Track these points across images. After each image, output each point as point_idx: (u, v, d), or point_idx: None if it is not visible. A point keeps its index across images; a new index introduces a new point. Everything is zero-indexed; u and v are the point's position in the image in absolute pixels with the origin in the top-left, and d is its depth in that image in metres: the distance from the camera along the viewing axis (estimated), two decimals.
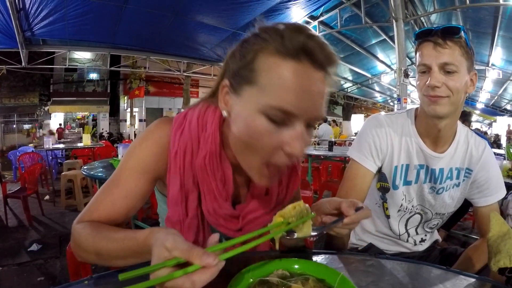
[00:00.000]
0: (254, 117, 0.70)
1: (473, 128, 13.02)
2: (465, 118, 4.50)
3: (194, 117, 0.89)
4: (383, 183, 1.38)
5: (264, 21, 0.78)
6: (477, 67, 1.23)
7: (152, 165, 0.87)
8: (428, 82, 1.16)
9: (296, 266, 0.77)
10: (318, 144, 9.71)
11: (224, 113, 0.80)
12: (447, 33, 1.14)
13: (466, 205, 1.54)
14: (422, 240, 1.46)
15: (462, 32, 1.14)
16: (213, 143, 0.85)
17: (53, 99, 19.34)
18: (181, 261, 0.54)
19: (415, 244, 1.45)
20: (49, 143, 7.15)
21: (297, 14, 8.91)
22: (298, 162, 1.00)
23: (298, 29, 0.70)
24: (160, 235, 0.59)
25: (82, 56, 16.02)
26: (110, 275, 0.76)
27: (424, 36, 1.19)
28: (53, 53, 10.05)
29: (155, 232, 0.62)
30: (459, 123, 1.33)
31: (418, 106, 1.34)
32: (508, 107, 23.23)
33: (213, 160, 0.85)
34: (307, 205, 0.76)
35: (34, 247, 3.76)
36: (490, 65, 12.87)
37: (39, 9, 7.04)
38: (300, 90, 0.68)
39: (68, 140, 12.29)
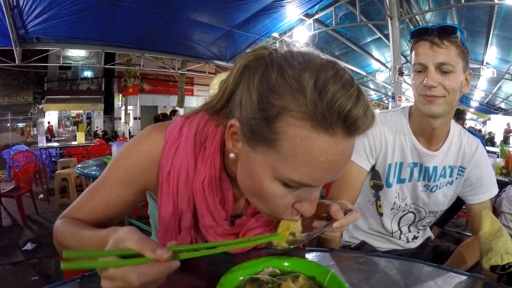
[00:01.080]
0: (268, 181, 0.63)
1: (467, 126, 13.09)
2: (460, 116, 4.53)
3: (191, 132, 0.79)
4: (377, 181, 1.38)
5: (294, 49, 0.65)
6: (471, 65, 1.23)
7: (140, 178, 0.82)
8: (424, 81, 1.15)
9: (286, 264, 0.76)
10: None
11: (231, 155, 0.71)
12: (444, 33, 1.13)
13: (460, 203, 1.55)
14: (415, 238, 1.47)
15: (459, 31, 1.13)
16: (213, 166, 0.78)
17: (47, 97, 19.24)
18: (133, 253, 0.51)
19: (408, 242, 1.46)
20: (43, 141, 7.11)
21: (292, 12, 8.90)
22: None
23: (343, 86, 0.56)
24: (120, 230, 0.56)
25: (76, 54, 15.91)
26: None
27: (420, 35, 1.18)
28: (47, 51, 9.99)
29: (117, 229, 0.58)
30: (452, 121, 1.34)
31: (412, 104, 1.34)
32: (502, 105, 23.39)
33: (213, 184, 0.79)
34: (298, 223, 0.73)
35: (29, 246, 3.75)
36: (484, 63, 12.96)
37: (33, 6, 6.96)
38: (328, 166, 0.59)
39: (63, 138, 12.21)
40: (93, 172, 3.22)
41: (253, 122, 0.61)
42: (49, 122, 18.88)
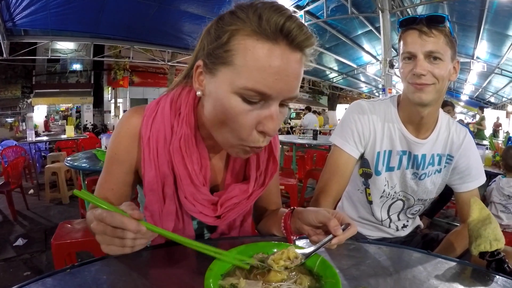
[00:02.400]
0: (229, 98, 0.71)
1: (457, 119, 13.19)
2: (452, 107, 4.65)
3: (167, 103, 0.89)
4: (366, 169, 1.39)
5: None
6: (462, 59, 1.24)
7: (125, 157, 0.91)
8: (414, 70, 1.16)
9: (276, 250, 0.76)
10: (303, 133, 9.76)
11: (199, 93, 0.80)
12: (432, 22, 1.14)
13: (449, 193, 1.56)
14: (404, 226, 1.48)
15: (447, 21, 1.14)
16: (188, 125, 0.86)
17: (36, 91, 18.91)
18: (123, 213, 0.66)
19: (397, 230, 1.47)
20: (32, 135, 7.01)
21: (283, 3, 8.77)
22: (276, 147, 1.00)
23: (276, 9, 0.69)
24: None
25: (65, 46, 15.72)
26: (91, 263, 0.75)
27: (408, 24, 1.19)
28: (35, 43, 9.85)
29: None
30: (440, 110, 1.35)
31: (401, 93, 1.35)
32: (492, 99, 23.58)
33: (189, 142, 0.87)
34: (297, 251, 0.72)
35: (20, 242, 3.70)
36: (475, 58, 13.00)
37: None
38: (276, 72, 0.68)
39: (52, 132, 12.08)
40: (83, 165, 3.16)
41: (212, 51, 0.73)
42: (46, 117, 18.69)
